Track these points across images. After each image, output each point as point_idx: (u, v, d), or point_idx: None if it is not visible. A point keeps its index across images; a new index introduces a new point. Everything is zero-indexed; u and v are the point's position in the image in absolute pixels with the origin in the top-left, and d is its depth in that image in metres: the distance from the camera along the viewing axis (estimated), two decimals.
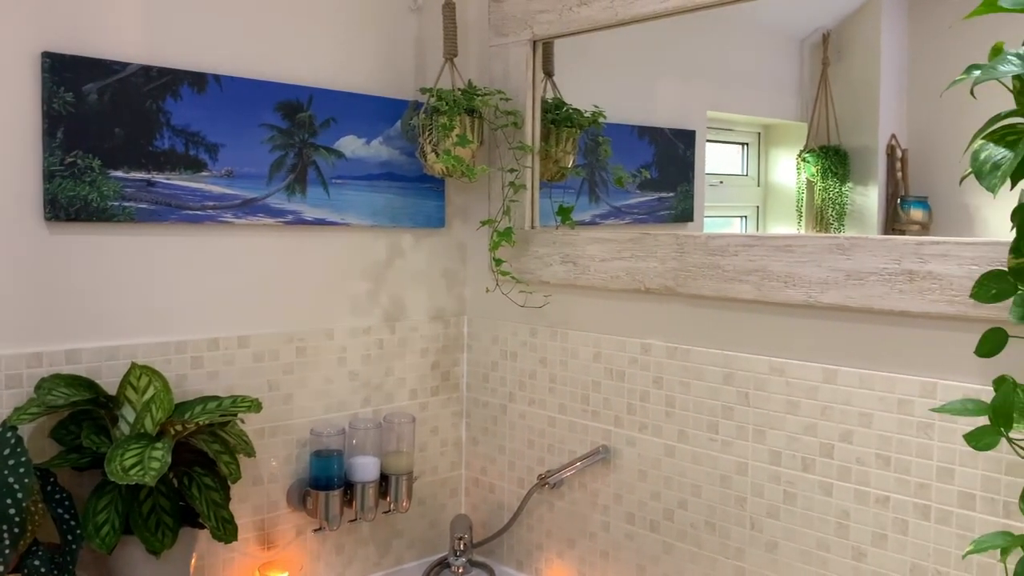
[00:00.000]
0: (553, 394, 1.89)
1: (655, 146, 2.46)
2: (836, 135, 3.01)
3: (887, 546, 1.38)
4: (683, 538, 1.66)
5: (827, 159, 2.95)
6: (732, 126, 3.01)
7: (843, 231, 3.14)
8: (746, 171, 3.22)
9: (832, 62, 2.97)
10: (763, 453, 1.53)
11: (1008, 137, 1.02)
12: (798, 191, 3.10)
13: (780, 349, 1.52)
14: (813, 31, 2.95)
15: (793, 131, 3.08)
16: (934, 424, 1.32)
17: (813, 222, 3.10)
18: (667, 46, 2.51)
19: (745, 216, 3.28)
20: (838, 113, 2.98)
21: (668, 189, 2.55)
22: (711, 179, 2.98)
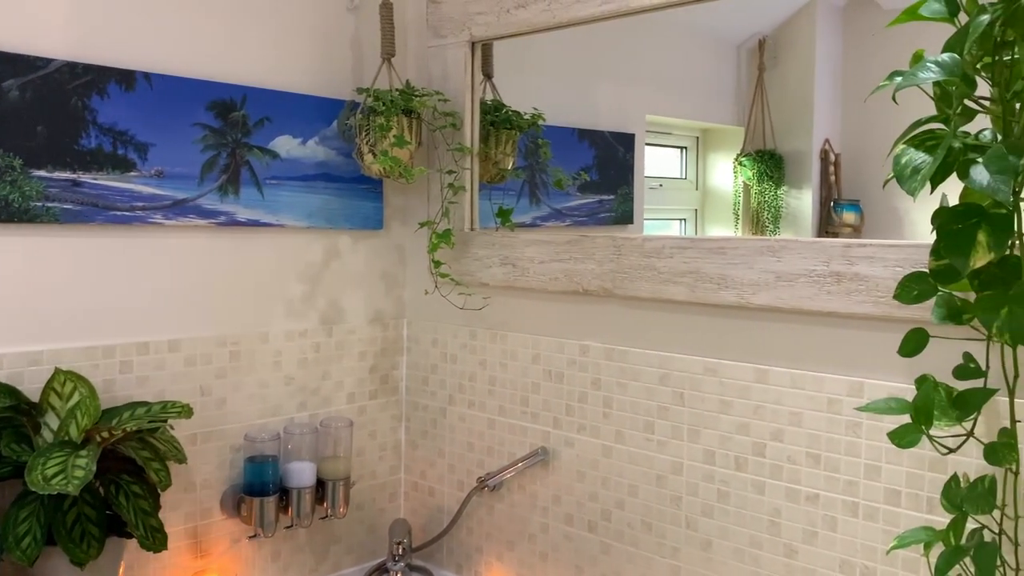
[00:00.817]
0: (493, 396, 1.88)
1: (595, 149, 2.48)
2: (772, 139, 3.06)
3: (817, 543, 1.41)
4: (620, 538, 1.67)
5: (763, 163, 3.00)
6: (671, 130, 3.05)
7: (778, 233, 3.20)
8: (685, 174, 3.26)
9: (768, 68, 3.03)
10: (698, 452, 1.55)
11: (928, 142, 1.05)
12: (735, 194, 3.16)
13: (714, 349, 1.53)
14: (750, 36, 3.00)
15: (730, 135, 3.13)
16: (862, 423, 1.35)
17: (750, 225, 3.16)
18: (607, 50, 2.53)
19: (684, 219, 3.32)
20: (774, 118, 3.03)
21: (608, 192, 2.57)
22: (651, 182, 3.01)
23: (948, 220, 1.02)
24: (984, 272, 1.08)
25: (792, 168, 3.11)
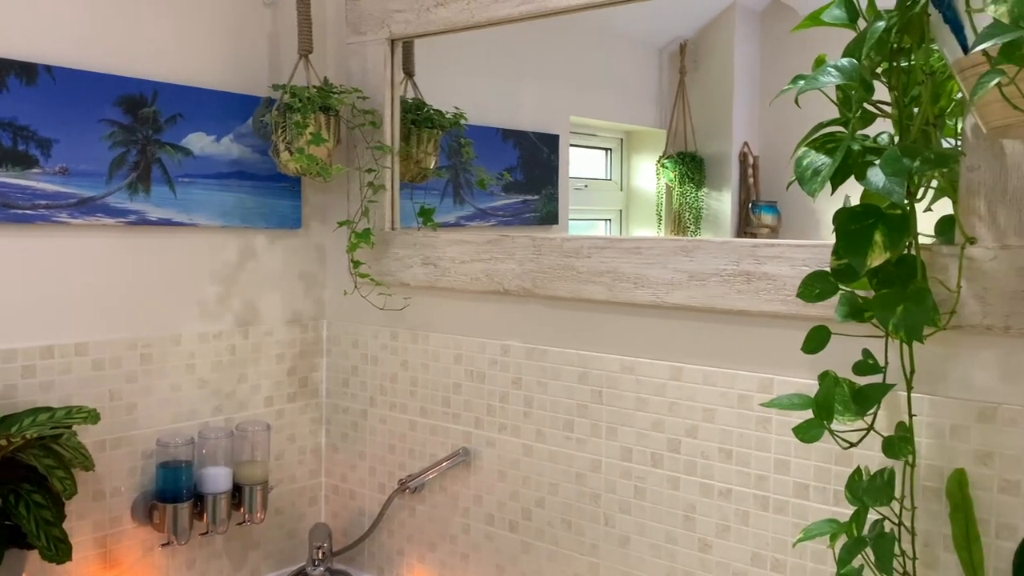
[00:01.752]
0: (414, 397, 1.87)
1: (520, 149, 2.48)
2: (693, 142, 3.12)
3: (730, 537, 1.44)
4: (541, 537, 1.68)
5: (684, 165, 3.06)
6: (596, 131, 3.08)
7: (699, 234, 3.27)
8: (610, 175, 3.29)
9: (689, 71, 3.08)
10: (615, 450, 1.57)
11: (828, 145, 1.08)
12: (658, 195, 3.21)
13: (631, 348, 1.55)
14: (671, 40, 3.05)
15: (653, 137, 3.17)
16: (771, 418, 1.39)
17: (672, 225, 3.22)
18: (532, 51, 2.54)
19: (609, 219, 3.36)
20: (694, 121, 3.09)
21: (533, 192, 2.58)
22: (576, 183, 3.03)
23: (846, 221, 1.05)
24: (882, 271, 1.11)
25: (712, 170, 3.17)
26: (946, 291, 1.17)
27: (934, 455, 1.24)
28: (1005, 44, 0.90)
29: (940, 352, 1.22)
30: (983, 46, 0.89)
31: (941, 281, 1.17)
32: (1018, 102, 0.95)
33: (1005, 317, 1.15)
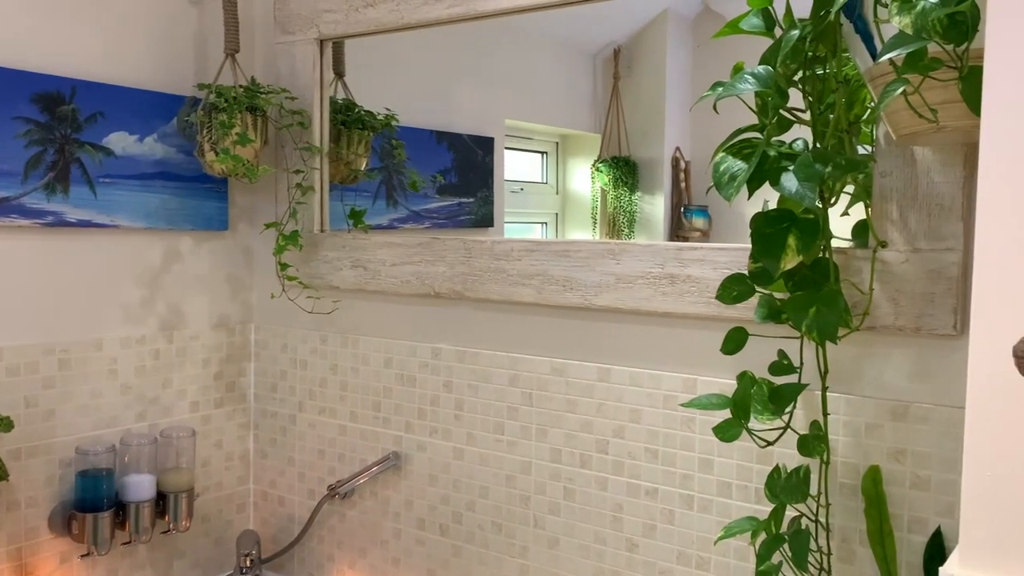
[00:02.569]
0: (344, 402, 1.85)
1: (454, 152, 2.48)
2: (627, 146, 3.16)
3: (656, 536, 1.46)
4: (471, 540, 1.67)
5: (618, 169, 3.09)
6: (531, 135, 3.09)
7: (633, 237, 3.30)
8: (546, 179, 3.31)
9: (623, 76, 3.11)
10: (545, 451, 1.57)
11: (744, 150, 1.10)
12: (593, 199, 3.23)
13: (560, 350, 1.56)
14: (605, 46, 3.08)
15: (588, 141, 3.20)
16: (695, 418, 1.41)
17: (607, 229, 3.25)
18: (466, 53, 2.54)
19: (545, 222, 3.38)
20: (628, 125, 3.12)
21: (468, 194, 2.58)
22: (512, 186, 3.04)
23: (762, 225, 1.07)
24: (797, 274, 1.14)
25: (646, 174, 3.22)
26: (859, 293, 1.21)
27: (850, 452, 1.27)
28: (909, 54, 0.93)
29: (855, 352, 1.26)
30: (888, 56, 0.92)
31: (854, 284, 1.21)
32: (923, 111, 0.98)
33: (916, 318, 1.19)
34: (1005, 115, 0.67)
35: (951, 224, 1.16)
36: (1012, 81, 0.67)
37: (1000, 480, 0.67)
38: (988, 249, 0.67)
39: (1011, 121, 0.67)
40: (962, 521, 0.68)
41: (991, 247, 0.67)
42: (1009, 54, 0.68)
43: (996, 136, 0.67)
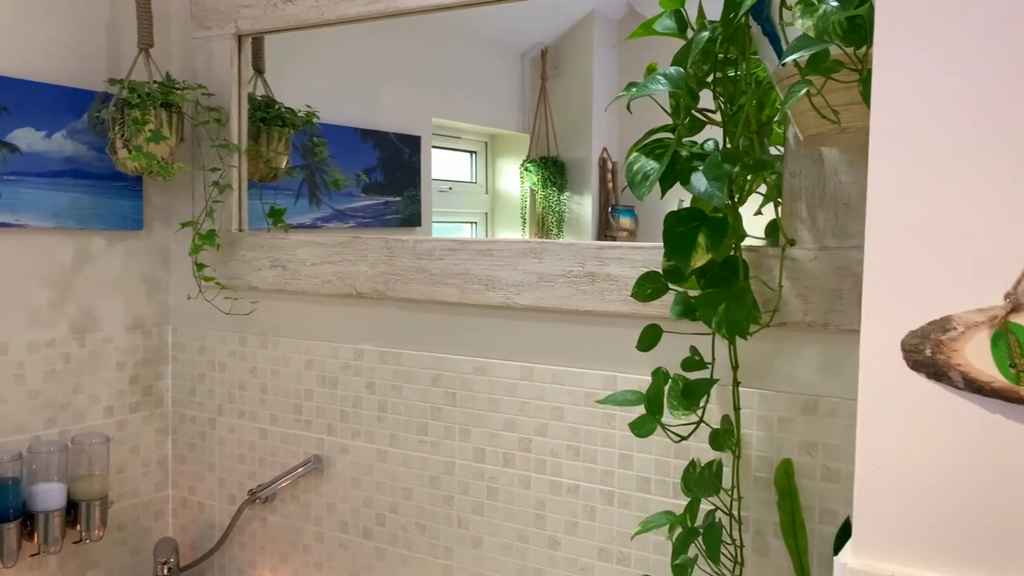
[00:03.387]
0: (264, 405, 1.82)
1: (380, 150, 2.45)
2: (555, 146, 3.17)
3: (578, 532, 1.46)
4: (395, 542, 1.66)
5: (547, 169, 3.10)
6: (460, 134, 3.08)
7: (562, 237, 3.32)
8: (475, 178, 3.30)
9: (550, 77, 3.13)
10: (468, 451, 1.57)
11: (657, 150, 1.11)
12: (522, 199, 3.24)
13: (483, 349, 1.56)
14: (533, 46, 3.09)
15: (517, 141, 3.21)
16: (615, 415, 1.42)
17: (536, 228, 3.26)
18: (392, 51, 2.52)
19: (475, 222, 3.37)
20: (556, 126, 3.14)
21: (394, 193, 2.55)
22: (440, 185, 3.02)
23: (673, 224, 1.08)
24: (709, 272, 1.16)
25: (574, 175, 3.24)
26: (770, 290, 1.23)
27: (764, 446, 1.30)
28: (812, 56, 0.95)
29: (767, 348, 1.29)
30: (792, 58, 0.94)
31: (765, 281, 1.24)
32: (827, 112, 1.01)
33: (824, 314, 1.22)
34: (892, 116, 0.69)
35: (857, 222, 1.20)
36: (898, 82, 0.69)
37: (891, 471, 0.69)
38: (877, 246, 0.69)
39: (898, 122, 0.69)
40: (855, 512, 0.70)
41: (880, 245, 0.69)
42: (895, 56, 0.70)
43: (884, 137, 0.70)
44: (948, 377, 0.65)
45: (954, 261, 0.65)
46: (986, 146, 0.65)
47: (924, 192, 0.67)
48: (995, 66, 0.65)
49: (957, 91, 0.66)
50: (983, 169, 0.65)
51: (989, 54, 0.65)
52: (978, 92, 0.66)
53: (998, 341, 0.63)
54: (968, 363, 0.64)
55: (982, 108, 0.66)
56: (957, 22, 0.67)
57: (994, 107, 0.65)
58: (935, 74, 0.67)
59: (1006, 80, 0.65)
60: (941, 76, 0.67)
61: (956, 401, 0.66)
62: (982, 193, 0.65)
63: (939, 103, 0.67)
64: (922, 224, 0.67)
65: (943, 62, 0.67)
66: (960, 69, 0.67)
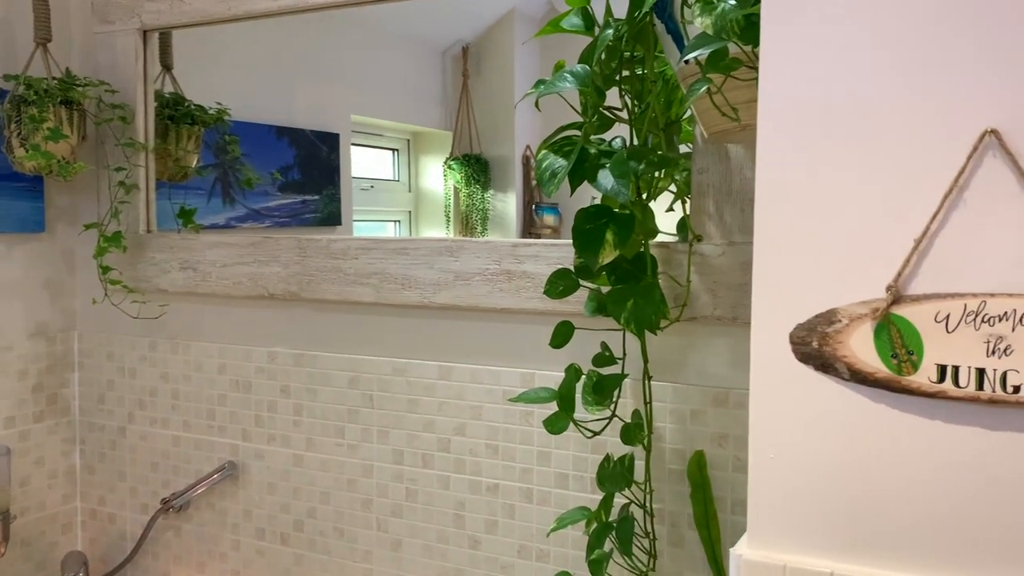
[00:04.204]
0: (177, 411, 1.76)
1: (296, 148, 2.41)
2: (478, 144, 3.17)
3: (498, 531, 1.46)
4: (313, 547, 1.63)
5: (470, 167, 3.09)
6: (381, 131, 3.05)
7: (486, 235, 3.31)
8: (397, 176, 3.27)
9: (472, 74, 3.12)
10: (387, 453, 1.55)
11: (565, 148, 1.11)
12: (446, 197, 3.22)
13: (401, 350, 1.54)
14: (454, 43, 3.07)
15: (440, 139, 3.19)
16: (534, 412, 1.42)
17: (460, 227, 3.25)
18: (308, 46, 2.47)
19: (399, 220, 3.34)
20: (479, 123, 3.13)
21: (313, 192, 2.51)
22: (361, 183, 2.98)
23: (582, 221, 1.09)
24: (620, 268, 1.17)
25: (497, 172, 3.24)
26: (679, 285, 1.25)
27: (677, 439, 1.31)
28: (711, 54, 0.97)
29: (679, 342, 1.30)
30: (691, 56, 0.95)
31: (674, 277, 1.25)
32: (727, 109, 1.02)
33: (733, 308, 1.25)
34: (778, 115, 0.70)
35: None
36: (784, 81, 0.70)
37: (782, 462, 0.70)
38: (765, 242, 0.70)
39: (784, 120, 0.70)
40: (749, 504, 0.71)
41: (768, 240, 0.70)
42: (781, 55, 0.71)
43: (770, 134, 0.71)
44: (834, 368, 0.66)
45: (839, 255, 0.67)
46: (867, 143, 0.67)
47: (809, 188, 0.68)
48: (876, 65, 0.67)
49: (840, 90, 0.68)
50: (865, 166, 0.67)
51: (871, 54, 0.67)
52: (860, 91, 0.67)
53: (880, 332, 0.65)
54: (853, 354, 0.65)
55: (865, 106, 0.67)
56: (840, 22, 0.68)
57: (876, 105, 0.67)
58: (819, 73, 0.69)
59: (886, 80, 0.67)
60: (825, 75, 0.69)
61: (843, 392, 0.67)
62: (865, 189, 0.67)
63: (823, 102, 0.69)
64: (808, 220, 0.68)
65: (827, 62, 0.69)
66: (843, 68, 0.68)
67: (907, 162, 0.65)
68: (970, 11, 0.64)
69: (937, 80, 0.64)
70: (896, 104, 0.66)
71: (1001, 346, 0.61)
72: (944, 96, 0.64)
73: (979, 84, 0.63)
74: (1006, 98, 0.62)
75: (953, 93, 0.64)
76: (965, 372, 0.63)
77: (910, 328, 0.64)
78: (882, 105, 0.66)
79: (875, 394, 0.66)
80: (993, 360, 0.62)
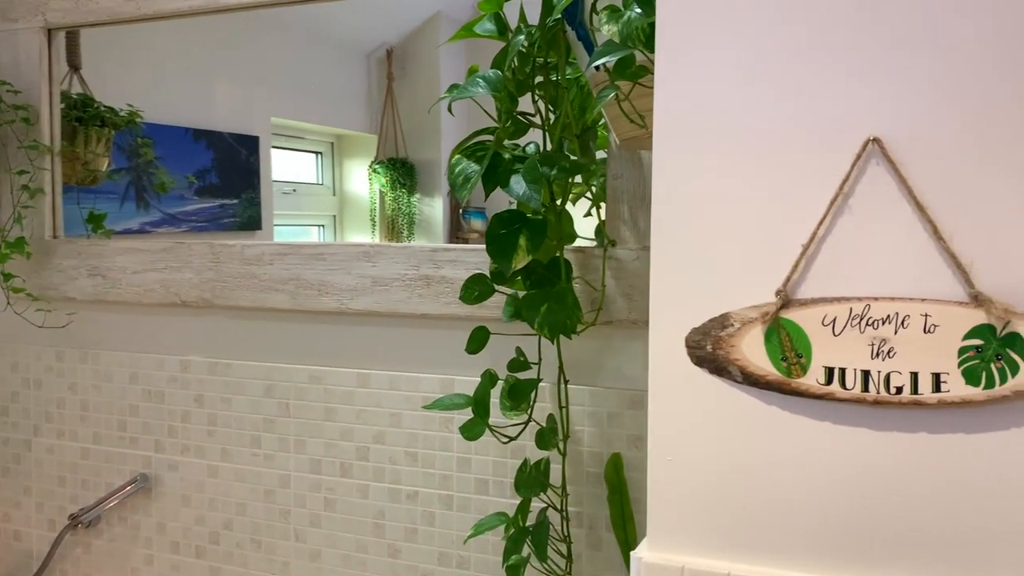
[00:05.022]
0: (86, 423, 1.70)
1: (214, 151, 2.35)
2: (404, 148, 3.14)
3: (418, 539, 1.45)
4: (230, 560, 1.59)
5: (396, 171, 3.07)
6: (303, 134, 3.00)
7: (413, 239, 3.29)
8: (321, 180, 3.22)
9: (397, 77, 3.10)
10: (304, 463, 1.52)
11: (478, 153, 1.11)
12: (371, 201, 3.19)
13: (318, 357, 1.52)
14: (378, 46, 3.05)
15: (364, 142, 3.16)
16: (453, 418, 1.41)
17: (386, 231, 3.21)
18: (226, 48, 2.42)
19: (323, 225, 3.28)
20: (404, 127, 3.11)
21: (231, 196, 2.46)
22: (283, 187, 2.93)
23: (496, 226, 1.09)
24: (536, 273, 1.17)
25: (424, 176, 3.22)
26: (595, 290, 1.26)
27: (595, 442, 1.32)
28: (618, 61, 0.98)
29: (596, 346, 1.31)
30: (598, 63, 0.96)
31: (590, 281, 1.26)
32: (634, 116, 1.03)
33: (647, 312, 1.25)
34: (672, 123, 0.71)
35: None
36: (677, 90, 0.72)
37: (680, 465, 0.71)
38: (662, 247, 0.71)
39: (678, 128, 0.71)
40: (649, 506, 0.72)
41: (665, 245, 0.71)
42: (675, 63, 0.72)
43: (665, 142, 0.72)
44: (728, 372, 0.68)
45: (732, 261, 0.68)
46: (757, 152, 0.68)
47: (702, 196, 0.70)
48: (765, 77, 0.69)
49: (732, 100, 0.69)
50: (756, 174, 0.68)
51: (761, 66, 0.69)
52: (750, 102, 0.69)
53: (771, 336, 0.66)
54: (745, 358, 0.66)
55: (754, 116, 0.69)
56: (732, 34, 0.70)
57: (765, 115, 0.68)
58: (711, 83, 0.70)
59: (775, 90, 0.68)
60: (717, 86, 0.70)
61: (736, 394, 0.68)
62: (755, 196, 0.68)
63: (716, 111, 0.70)
64: (701, 226, 0.69)
65: (719, 73, 0.70)
66: (735, 79, 0.70)
67: (795, 170, 0.66)
68: (855, 26, 0.66)
69: (823, 91, 0.66)
70: (784, 114, 0.67)
71: (885, 348, 0.63)
72: (829, 106, 0.66)
73: (862, 95, 0.65)
74: (887, 108, 0.64)
75: (838, 103, 0.65)
76: (851, 374, 0.64)
77: (799, 332, 0.65)
78: (771, 115, 0.68)
79: (767, 396, 0.67)
80: (877, 362, 0.64)
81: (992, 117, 0.63)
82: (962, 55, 0.63)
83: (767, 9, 0.68)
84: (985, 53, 0.62)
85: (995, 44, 0.62)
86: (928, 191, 0.63)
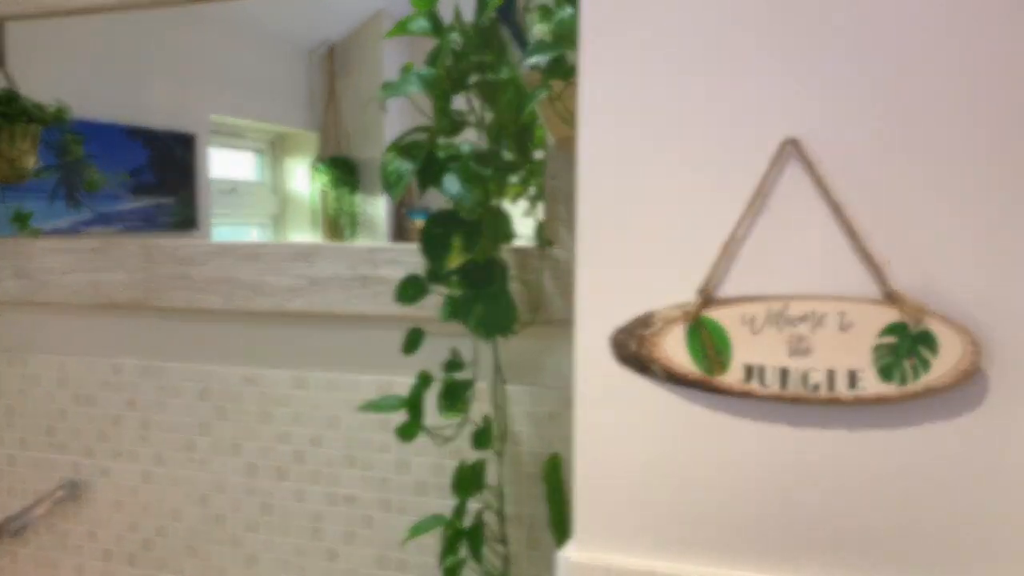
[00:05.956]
0: (12, 429, 1.64)
1: (150, 149, 2.30)
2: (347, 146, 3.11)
3: (356, 543, 1.43)
4: (164, 567, 1.55)
5: (338, 169, 3.03)
6: (243, 132, 2.95)
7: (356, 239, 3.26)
8: (261, 178, 3.17)
9: (340, 75, 3.06)
10: (240, 467, 1.50)
11: (412, 151, 1.10)
12: (313, 200, 3.15)
13: (253, 359, 1.49)
14: (320, 43, 3.01)
15: (306, 140, 3.12)
16: (392, 420, 1.40)
17: (329, 231, 3.18)
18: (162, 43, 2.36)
19: (264, 224, 3.23)
20: (347, 125, 3.08)
21: (168, 195, 2.40)
22: (222, 185, 2.87)
23: (430, 226, 1.08)
24: (472, 273, 1.16)
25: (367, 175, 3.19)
26: (533, 290, 1.26)
27: (534, 442, 1.32)
28: (551, 61, 0.98)
29: (535, 346, 1.31)
30: (530, 62, 0.96)
31: (528, 281, 1.26)
32: (568, 116, 1.04)
33: None
34: (595, 122, 0.71)
35: None
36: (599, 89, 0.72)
37: (605, 464, 0.71)
38: (587, 246, 0.71)
39: (601, 128, 0.71)
40: (575, 505, 0.72)
41: (589, 244, 0.71)
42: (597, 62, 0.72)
43: (589, 141, 0.72)
44: (651, 370, 0.68)
45: (655, 260, 0.69)
46: (678, 151, 0.69)
47: (625, 194, 0.70)
48: (684, 77, 0.69)
49: (652, 100, 0.70)
50: (676, 173, 0.69)
51: (679, 66, 0.69)
52: (670, 102, 0.69)
53: (692, 334, 0.67)
54: (668, 356, 0.67)
55: (678, 114, 0.69)
56: (652, 34, 0.70)
57: (685, 114, 0.69)
58: (633, 83, 0.70)
59: (693, 90, 0.69)
60: (638, 86, 0.70)
61: (660, 393, 0.69)
62: (676, 195, 0.69)
63: (638, 110, 0.70)
64: (625, 225, 0.69)
65: (640, 73, 0.70)
66: (654, 80, 0.70)
67: (716, 169, 0.67)
68: (773, 28, 0.66)
69: (742, 91, 0.67)
70: (703, 113, 0.68)
71: (802, 346, 0.64)
72: (748, 106, 0.66)
73: (780, 95, 0.66)
74: (804, 109, 0.65)
75: (756, 103, 0.66)
76: (770, 371, 0.65)
77: (719, 330, 0.66)
78: (692, 113, 0.68)
79: (690, 394, 0.68)
80: (795, 360, 0.64)
81: (909, 119, 0.64)
82: (879, 57, 0.64)
83: (686, 5, 0.68)
84: (902, 56, 0.64)
85: (912, 47, 0.63)
86: (844, 191, 0.65)
